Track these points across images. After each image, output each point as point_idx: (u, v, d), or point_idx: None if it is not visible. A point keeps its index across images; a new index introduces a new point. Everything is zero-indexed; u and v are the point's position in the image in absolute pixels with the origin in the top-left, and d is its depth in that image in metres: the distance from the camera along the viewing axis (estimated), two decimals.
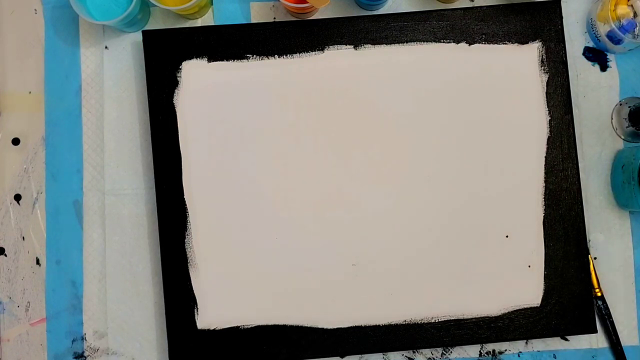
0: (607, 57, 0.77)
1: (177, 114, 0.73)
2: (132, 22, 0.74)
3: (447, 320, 0.72)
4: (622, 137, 0.77)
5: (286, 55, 0.73)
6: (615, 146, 0.77)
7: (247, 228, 0.72)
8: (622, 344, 0.74)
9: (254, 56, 0.73)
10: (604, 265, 0.75)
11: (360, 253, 0.73)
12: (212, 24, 0.77)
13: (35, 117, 0.77)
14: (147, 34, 0.73)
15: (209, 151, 0.73)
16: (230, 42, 0.73)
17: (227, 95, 0.73)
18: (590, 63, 0.77)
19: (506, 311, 0.72)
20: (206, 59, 0.73)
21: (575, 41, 0.77)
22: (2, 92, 0.77)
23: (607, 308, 0.74)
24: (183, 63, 0.73)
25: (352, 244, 0.73)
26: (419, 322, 0.72)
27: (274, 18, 0.77)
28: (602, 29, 0.75)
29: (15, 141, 0.77)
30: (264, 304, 0.72)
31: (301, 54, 0.73)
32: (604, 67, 0.77)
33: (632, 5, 0.74)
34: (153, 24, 0.77)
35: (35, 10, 0.78)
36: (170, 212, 0.72)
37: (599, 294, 0.74)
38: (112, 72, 0.76)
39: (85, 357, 0.74)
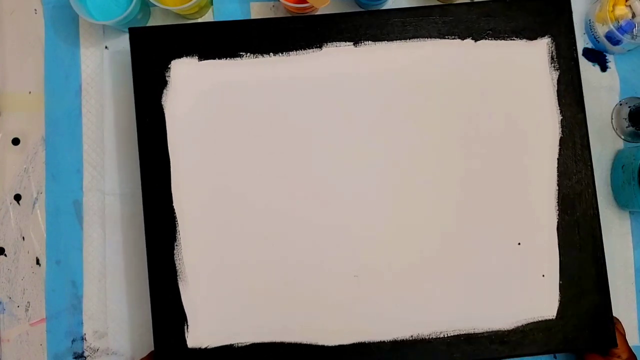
0: (607, 57, 0.78)
1: (166, 116, 0.68)
2: (132, 22, 0.73)
3: (457, 335, 0.67)
4: (622, 137, 0.77)
5: (282, 53, 0.70)
6: (615, 146, 0.77)
7: (241, 237, 0.68)
8: None
9: (248, 54, 0.69)
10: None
11: (362, 263, 0.68)
12: None
13: (35, 117, 0.76)
14: (133, 32, 0.69)
15: (200, 156, 0.68)
16: (223, 40, 0.69)
17: (219, 96, 0.69)
18: (590, 63, 0.78)
19: (519, 324, 0.68)
20: (197, 57, 0.69)
21: None
22: (2, 92, 0.77)
23: None
24: (172, 62, 0.69)
25: (354, 254, 0.68)
26: (427, 337, 0.67)
27: None
28: (601, 30, 0.75)
29: (15, 141, 0.77)
30: (259, 320, 0.67)
31: (298, 52, 0.70)
32: (603, 68, 0.78)
33: (630, 6, 0.74)
34: (153, 24, 0.77)
35: (35, 10, 0.78)
36: (158, 221, 0.68)
37: None
38: (112, 72, 0.76)
39: (85, 357, 0.74)
